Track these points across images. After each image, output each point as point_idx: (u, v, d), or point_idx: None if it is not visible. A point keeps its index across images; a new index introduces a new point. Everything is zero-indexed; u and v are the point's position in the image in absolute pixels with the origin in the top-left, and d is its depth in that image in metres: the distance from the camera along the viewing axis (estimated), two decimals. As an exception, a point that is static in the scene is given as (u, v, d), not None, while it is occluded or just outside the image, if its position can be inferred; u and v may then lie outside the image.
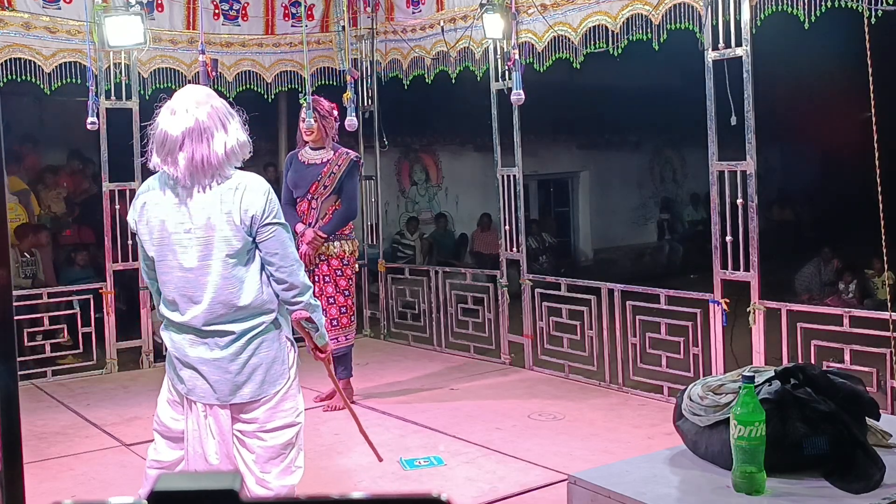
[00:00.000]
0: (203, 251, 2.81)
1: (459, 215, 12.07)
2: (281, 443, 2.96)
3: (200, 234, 2.81)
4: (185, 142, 2.76)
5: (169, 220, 2.83)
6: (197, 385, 2.88)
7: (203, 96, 2.85)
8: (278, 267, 2.86)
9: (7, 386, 1.65)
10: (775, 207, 12.70)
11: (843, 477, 2.37)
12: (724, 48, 5.02)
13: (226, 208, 2.80)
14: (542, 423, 5.12)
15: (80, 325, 6.55)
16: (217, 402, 2.88)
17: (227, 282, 2.82)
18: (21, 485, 1.66)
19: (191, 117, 2.78)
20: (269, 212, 2.84)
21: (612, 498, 2.42)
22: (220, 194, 2.81)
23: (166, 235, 2.84)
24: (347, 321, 5.39)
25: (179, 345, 2.90)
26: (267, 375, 2.90)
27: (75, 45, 6.31)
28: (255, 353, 2.88)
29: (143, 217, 2.88)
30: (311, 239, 5.21)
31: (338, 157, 5.31)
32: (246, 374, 2.87)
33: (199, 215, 2.81)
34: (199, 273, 2.82)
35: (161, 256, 2.87)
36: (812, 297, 8.84)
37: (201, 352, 2.86)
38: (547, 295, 6.33)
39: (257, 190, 2.84)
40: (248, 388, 2.89)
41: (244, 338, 2.86)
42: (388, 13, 7.21)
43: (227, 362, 2.86)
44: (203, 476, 0.83)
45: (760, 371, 2.66)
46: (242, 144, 2.87)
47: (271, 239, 2.85)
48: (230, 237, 2.80)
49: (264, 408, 2.93)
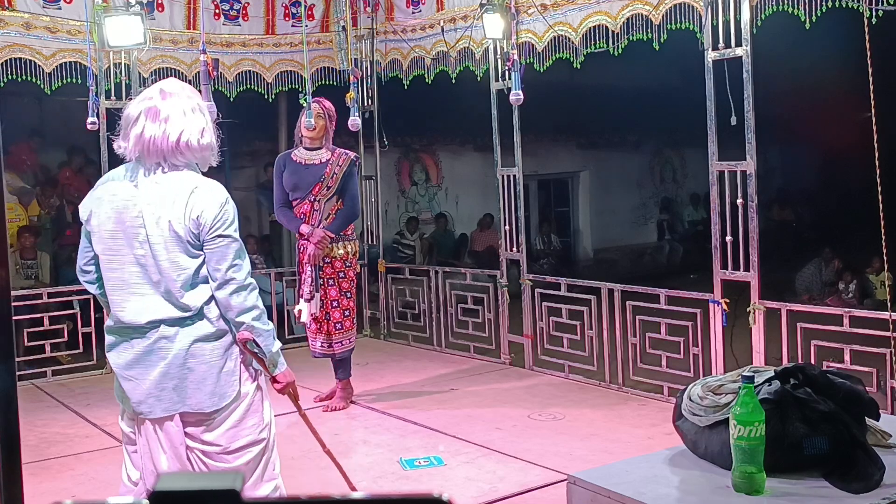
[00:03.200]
0: (154, 247, 2.69)
1: (459, 215, 12.07)
2: (244, 462, 2.80)
3: (153, 230, 2.68)
4: (140, 118, 2.73)
5: (125, 212, 2.72)
6: (142, 399, 2.72)
7: (177, 87, 2.80)
8: (220, 282, 2.69)
9: (6, 386, 1.65)
10: (775, 207, 12.68)
11: (843, 477, 2.38)
12: (724, 48, 5.02)
13: (178, 207, 2.67)
14: (542, 423, 5.12)
15: (80, 325, 6.55)
16: (164, 413, 2.71)
17: (176, 277, 2.68)
18: (20, 485, 1.66)
19: (152, 101, 2.74)
20: (223, 223, 2.69)
21: (612, 498, 2.42)
22: (174, 192, 2.69)
23: (120, 227, 2.72)
24: (350, 324, 5.39)
25: (123, 357, 2.74)
26: (216, 386, 2.72)
27: (75, 45, 6.31)
28: (202, 359, 2.71)
29: (98, 209, 2.77)
30: (321, 238, 5.18)
31: (337, 157, 5.29)
32: (193, 380, 2.71)
33: (153, 210, 2.70)
34: (150, 267, 2.69)
35: (113, 250, 2.73)
36: (812, 297, 8.83)
37: (145, 359, 2.71)
38: (547, 295, 6.32)
39: (213, 197, 2.70)
40: (196, 397, 2.71)
41: (190, 342, 2.71)
42: (388, 13, 7.21)
43: (172, 366, 2.69)
44: (204, 476, 0.83)
45: (760, 371, 2.66)
46: (204, 146, 2.75)
47: (218, 251, 2.69)
48: (181, 237, 2.68)
49: (223, 428, 2.77)
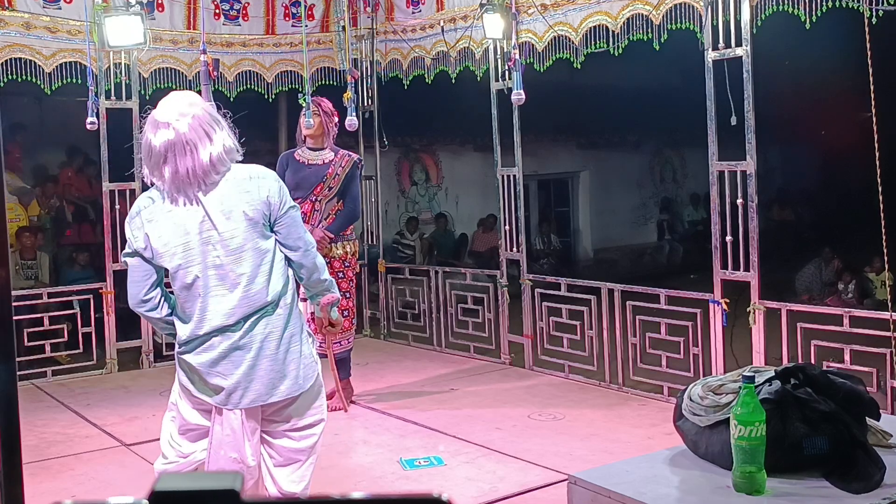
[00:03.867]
0: (230, 243, 2.76)
1: (459, 215, 12.07)
2: (309, 445, 2.94)
3: (226, 226, 2.75)
4: (168, 155, 2.72)
5: (189, 221, 2.77)
6: (232, 390, 2.80)
7: (185, 106, 2.77)
8: (303, 249, 2.88)
9: (6, 386, 1.65)
10: (775, 207, 12.68)
11: (843, 477, 2.37)
12: (725, 48, 5.02)
13: (245, 196, 2.77)
14: (542, 423, 5.12)
15: (80, 325, 6.55)
16: (253, 404, 2.82)
17: (260, 263, 2.79)
18: (20, 485, 1.67)
19: (172, 131, 2.72)
20: (285, 197, 2.87)
21: (612, 498, 2.42)
22: (233, 187, 2.78)
23: (188, 237, 2.77)
24: (349, 324, 5.38)
25: (207, 356, 2.81)
26: (299, 371, 2.86)
27: (75, 45, 6.31)
28: (287, 348, 2.84)
29: (155, 231, 2.79)
30: (320, 239, 5.18)
31: (340, 158, 5.31)
32: (279, 370, 2.82)
33: (219, 209, 2.75)
34: (227, 267, 2.76)
35: (189, 260, 2.78)
36: (812, 297, 8.83)
37: (230, 355, 2.79)
38: (547, 295, 6.32)
39: (270, 178, 2.87)
40: (284, 384, 2.83)
41: (273, 334, 2.82)
42: (388, 13, 7.21)
43: (259, 359, 2.80)
44: (204, 476, 0.83)
45: (760, 371, 2.66)
46: (229, 150, 2.82)
47: (290, 222, 2.86)
48: (256, 221, 2.78)
49: (295, 405, 2.89)
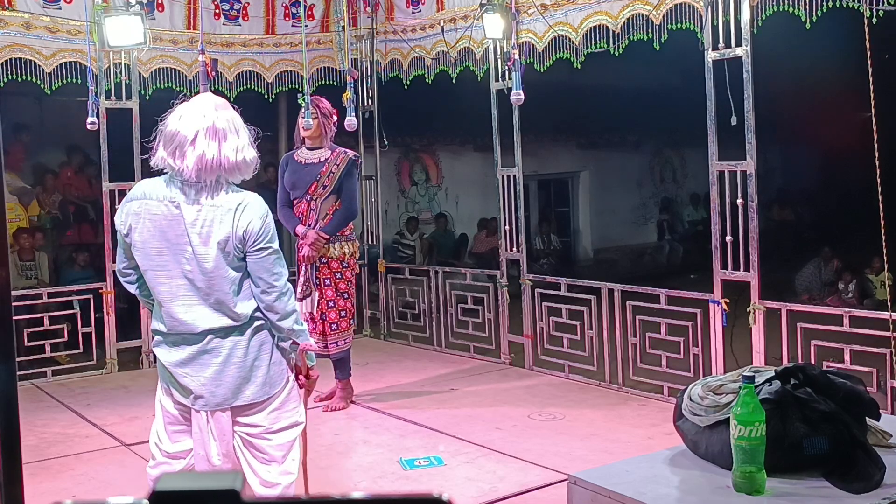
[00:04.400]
0: (202, 263, 2.82)
1: (459, 215, 12.06)
2: (287, 441, 3.00)
3: (201, 249, 2.81)
4: (199, 138, 2.77)
5: (169, 230, 2.83)
6: (197, 393, 2.89)
7: (222, 103, 2.91)
8: (264, 289, 2.88)
9: (6, 386, 1.65)
10: (775, 207, 12.69)
11: (843, 477, 2.37)
12: (725, 48, 5.02)
13: (225, 226, 2.81)
14: (542, 423, 5.12)
15: (80, 325, 6.54)
16: (218, 407, 2.90)
17: (227, 289, 2.84)
18: (20, 485, 1.66)
19: (207, 119, 2.80)
20: (265, 236, 2.86)
21: (612, 498, 2.42)
22: (222, 212, 2.82)
23: (165, 244, 2.83)
24: (347, 325, 5.37)
25: (177, 356, 2.90)
26: (267, 377, 2.93)
27: (75, 45, 6.31)
28: (256, 356, 2.91)
29: (138, 225, 2.86)
30: (314, 240, 5.16)
31: (336, 156, 5.27)
32: (245, 376, 2.89)
33: (199, 230, 2.81)
34: (198, 281, 2.83)
35: (160, 265, 2.86)
36: (812, 297, 8.83)
37: (199, 358, 2.88)
38: (547, 295, 6.32)
39: (257, 212, 2.86)
40: (250, 389, 2.91)
41: (241, 343, 2.89)
42: (388, 13, 7.21)
43: (226, 365, 2.87)
44: (204, 476, 0.83)
45: (760, 371, 2.65)
46: (252, 159, 2.90)
47: (261, 261, 2.86)
48: (229, 252, 2.83)
49: (267, 410, 2.96)
